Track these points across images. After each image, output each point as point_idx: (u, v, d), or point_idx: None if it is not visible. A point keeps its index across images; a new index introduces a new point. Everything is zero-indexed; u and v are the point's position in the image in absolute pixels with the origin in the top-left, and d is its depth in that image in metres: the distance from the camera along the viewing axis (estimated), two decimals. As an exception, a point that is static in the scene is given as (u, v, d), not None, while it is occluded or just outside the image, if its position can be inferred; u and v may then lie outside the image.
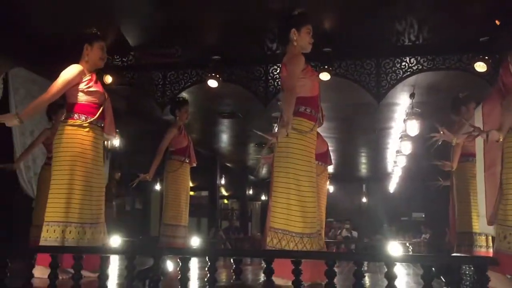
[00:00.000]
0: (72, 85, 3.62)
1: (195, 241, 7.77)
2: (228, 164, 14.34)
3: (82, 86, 3.66)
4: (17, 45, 5.48)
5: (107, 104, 3.81)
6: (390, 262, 2.26)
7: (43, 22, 5.26)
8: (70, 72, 3.61)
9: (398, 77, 5.84)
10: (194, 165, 5.76)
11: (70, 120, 3.64)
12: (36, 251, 2.99)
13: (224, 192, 16.22)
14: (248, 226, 16.46)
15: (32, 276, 2.79)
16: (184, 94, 6.60)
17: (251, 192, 16.80)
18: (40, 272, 3.13)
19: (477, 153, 3.66)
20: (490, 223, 3.29)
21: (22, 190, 6.02)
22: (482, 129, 3.16)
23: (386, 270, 2.28)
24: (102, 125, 3.76)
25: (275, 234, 3.28)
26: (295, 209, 3.26)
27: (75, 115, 3.65)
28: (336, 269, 2.42)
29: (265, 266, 2.43)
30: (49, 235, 3.51)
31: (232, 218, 16.61)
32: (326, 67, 5.72)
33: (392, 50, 5.82)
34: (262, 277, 3.35)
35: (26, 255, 2.87)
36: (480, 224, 4.02)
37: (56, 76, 3.62)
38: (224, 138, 11.47)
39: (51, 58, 3.75)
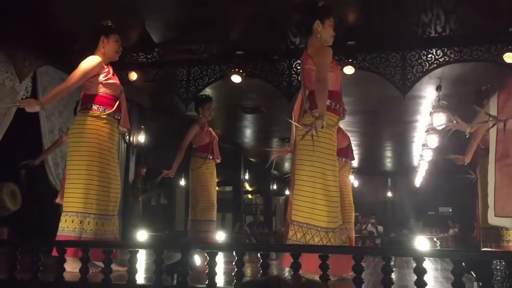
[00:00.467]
0: (91, 76, 3.63)
1: (220, 236, 7.82)
2: (252, 159, 14.37)
3: (101, 78, 3.68)
4: (45, 44, 5.59)
5: (123, 97, 3.84)
6: (419, 257, 2.24)
7: (70, 21, 5.34)
8: (90, 62, 3.62)
9: (424, 69, 5.75)
10: (218, 161, 5.77)
11: (89, 111, 3.66)
12: (66, 245, 3.05)
13: (248, 187, 16.27)
14: (272, 221, 16.49)
15: (64, 270, 2.86)
16: (208, 90, 6.63)
17: (275, 187, 16.80)
18: (70, 266, 3.18)
19: (490, 143, 3.59)
20: (497, 214, 3.24)
21: (52, 186, 6.16)
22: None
23: (415, 265, 2.25)
24: (119, 117, 3.79)
25: (299, 228, 3.24)
26: (320, 203, 3.23)
27: (94, 106, 3.66)
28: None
29: (292, 260, 2.43)
30: (67, 225, 3.53)
31: (256, 213, 16.64)
32: (350, 60, 5.67)
33: (418, 42, 5.72)
34: (287, 272, 3.35)
35: (58, 250, 2.93)
36: (488, 216, 3.93)
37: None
38: (248, 133, 11.49)
39: (78, 57, 3.79)
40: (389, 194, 17.16)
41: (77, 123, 3.69)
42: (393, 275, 2.39)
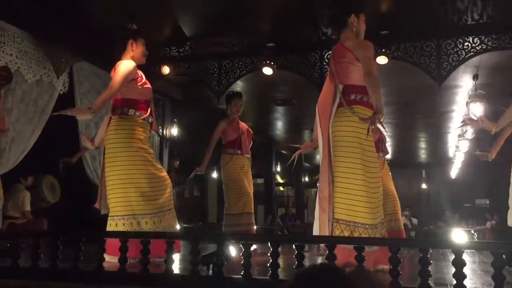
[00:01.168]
0: (128, 81, 3.68)
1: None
2: (283, 152, 14.36)
3: (138, 83, 3.74)
4: (81, 40, 5.70)
5: (152, 100, 3.89)
6: (459, 249, 2.20)
7: (105, 17, 5.44)
8: (128, 67, 3.66)
9: (461, 58, 5.60)
10: (248, 156, 5.75)
11: (127, 116, 3.71)
12: (106, 236, 3.13)
13: (279, 179, 16.27)
14: (304, 213, 16.46)
15: (103, 259, 2.94)
16: (239, 82, 6.65)
17: (306, 179, 16.75)
18: (110, 258, 3.26)
19: None
20: None
21: (89, 179, 6.30)
22: None
23: (453, 257, 2.22)
24: (151, 121, 3.85)
25: (346, 227, 3.17)
26: (363, 200, 3.18)
27: (130, 111, 3.72)
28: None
29: (327, 252, 2.43)
30: (125, 228, 3.61)
31: (288, 205, 16.64)
32: (383, 50, 5.58)
33: (454, 30, 5.58)
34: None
35: (98, 240, 3.02)
36: (508, 217, 3.83)
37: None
38: (279, 126, 11.49)
39: (113, 52, 3.86)
40: (424, 186, 16.85)
41: (117, 128, 3.72)
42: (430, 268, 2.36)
